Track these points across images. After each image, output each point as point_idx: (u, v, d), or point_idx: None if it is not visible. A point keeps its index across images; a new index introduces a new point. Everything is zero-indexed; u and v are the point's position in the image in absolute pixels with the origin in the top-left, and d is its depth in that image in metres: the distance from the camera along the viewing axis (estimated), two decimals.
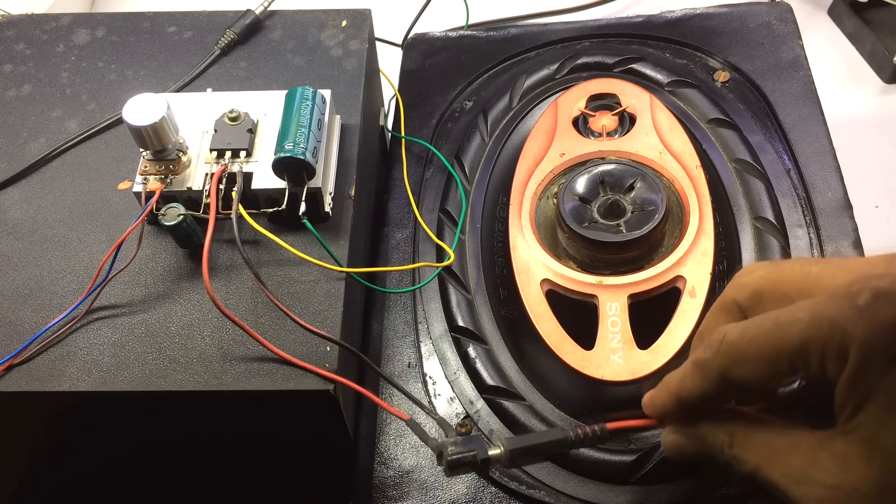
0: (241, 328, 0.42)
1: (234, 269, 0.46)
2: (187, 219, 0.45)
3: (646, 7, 0.80)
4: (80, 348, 0.44)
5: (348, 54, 0.57)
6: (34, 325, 0.44)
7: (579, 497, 0.44)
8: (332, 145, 0.50)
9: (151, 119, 0.45)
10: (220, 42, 0.57)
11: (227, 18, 0.58)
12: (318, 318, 0.44)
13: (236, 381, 0.42)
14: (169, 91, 0.55)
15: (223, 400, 0.42)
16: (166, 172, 0.47)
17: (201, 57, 0.57)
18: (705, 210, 0.49)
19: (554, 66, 0.61)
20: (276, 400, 0.42)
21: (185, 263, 0.47)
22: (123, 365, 0.43)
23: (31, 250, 0.48)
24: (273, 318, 0.44)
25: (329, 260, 0.46)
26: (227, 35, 0.57)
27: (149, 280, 0.46)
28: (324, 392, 0.41)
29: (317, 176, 0.46)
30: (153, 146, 0.46)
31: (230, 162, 0.47)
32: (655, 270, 0.47)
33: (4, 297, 0.46)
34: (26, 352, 0.43)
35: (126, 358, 0.43)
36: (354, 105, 0.54)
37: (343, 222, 0.48)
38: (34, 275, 0.47)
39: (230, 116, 0.48)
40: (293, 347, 0.43)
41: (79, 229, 0.49)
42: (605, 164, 0.50)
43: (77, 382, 0.42)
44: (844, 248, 0.51)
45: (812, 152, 0.55)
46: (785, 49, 0.61)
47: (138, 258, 0.46)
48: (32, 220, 0.49)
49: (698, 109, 0.57)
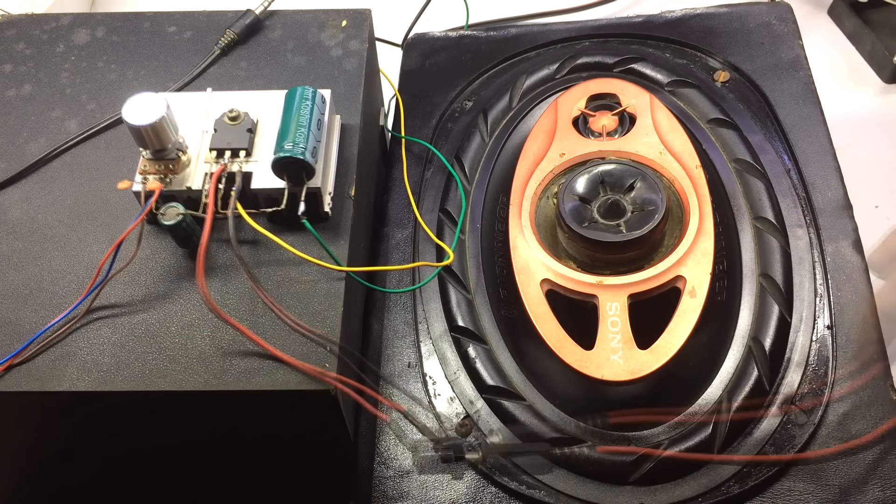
0: (237, 329, 0.42)
1: (233, 268, 0.46)
2: (186, 218, 0.45)
3: (646, 7, 0.80)
4: (80, 348, 0.44)
5: (348, 54, 0.57)
6: (34, 325, 0.44)
7: (579, 497, 0.44)
8: (331, 145, 0.50)
9: (151, 119, 0.45)
10: (220, 42, 0.57)
11: (227, 18, 0.58)
12: (318, 317, 0.44)
13: (236, 381, 0.42)
14: (169, 91, 0.55)
15: (223, 400, 0.42)
16: (166, 172, 0.47)
17: (201, 57, 0.57)
18: (705, 210, 0.49)
19: (554, 66, 0.61)
20: (276, 400, 0.42)
21: (185, 263, 0.47)
22: (123, 365, 0.43)
23: (31, 250, 0.48)
24: (273, 318, 0.44)
25: (329, 260, 0.46)
26: (227, 35, 0.57)
27: (148, 280, 0.46)
28: (323, 392, 0.41)
29: (316, 176, 0.46)
30: (153, 146, 0.46)
31: (230, 161, 0.47)
32: (655, 270, 0.47)
33: (4, 297, 0.46)
34: (26, 352, 0.43)
35: (126, 358, 0.43)
36: (354, 105, 0.54)
37: (343, 222, 0.48)
38: (34, 275, 0.47)
39: (230, 116, 0.48)
40: (293, 348, 0.43)
41: (79, 229, 0.49)
42: (605, 164, 0.50)
43: (77, 382, 0.42)
44: (844, 248, 0.51)
45: (812, 152, 0.55)
46: (785, 49, 0.61)
47: (138, 258, 0.46)
48: (32, 220, 0.49)
49: (698, 109, 0.57)
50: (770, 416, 0.45)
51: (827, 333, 0.48)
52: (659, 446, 0.44)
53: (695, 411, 0.46)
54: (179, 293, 0.46)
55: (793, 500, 0.43)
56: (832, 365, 0.47)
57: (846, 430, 0.45)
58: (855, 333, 0.48)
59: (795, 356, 0.47)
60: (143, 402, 0.43)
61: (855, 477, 0.44)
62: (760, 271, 0.50)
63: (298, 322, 0.43)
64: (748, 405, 0.45)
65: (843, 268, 0.50)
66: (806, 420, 0.45)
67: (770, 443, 0.45)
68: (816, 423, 0.45)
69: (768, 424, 0.45)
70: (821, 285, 0.50)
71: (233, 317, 0.43)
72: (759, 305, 0.48)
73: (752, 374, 0.46)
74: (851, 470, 0.44)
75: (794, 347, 0.47)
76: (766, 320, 0.48)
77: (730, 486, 0.44)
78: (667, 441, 0.45)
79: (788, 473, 0.44)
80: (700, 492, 0.44)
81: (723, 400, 0.46)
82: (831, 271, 0.50)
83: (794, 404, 0.46)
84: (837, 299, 0.49)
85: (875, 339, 0.48)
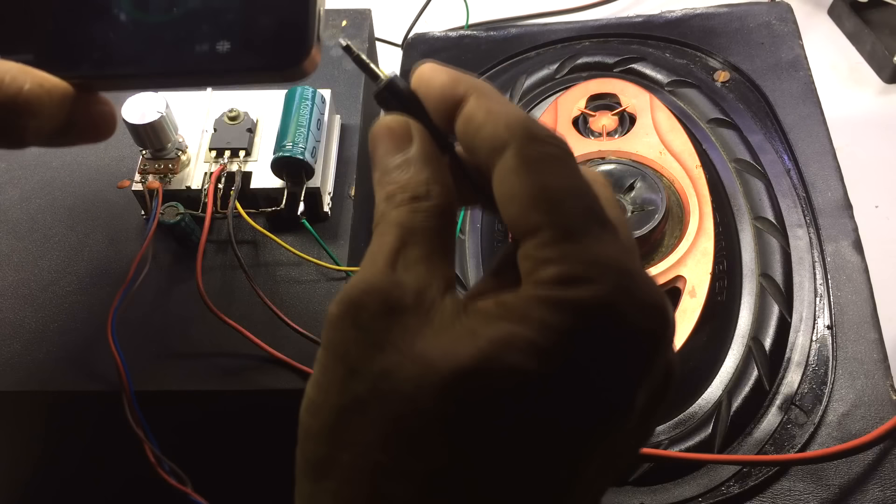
0: (236, 330, 0.42)
1: (233, 268, 0.46)
2: (186, 217, 0.45)
3: (646, 7, 0.80)
4: (80, 348, 0.43)
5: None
6: (34, 324, 0.44)
7: None
8: (331, 145, 0.50)
9: (150, 118, 0.45)
10: None
11: None
12: (318, 318, 0.44)
13: (235, 381, 0.42)
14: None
15: (222, 400, 0.42)
16: (165, 171, 0.47)
17: None
18: (705, 210, 0.49)
19: (554, 66, 0.61)
20: (275, 400, 0.42)
21: (184, 262, 0.47)
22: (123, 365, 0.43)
23: (31, 250, 0.48)
24: (272, 318, 0.44)
25: (328, 260, 0.46)
26: None
27: (147, 279, 0.46)
28: None
29: (316, 176, 0.46)
30: (152, 145, 0.46)
31: (229, 161, 0.47)
32: (655, 270, 0.46)
33: (4, 297, 0.46)
34: (26, 352, 0.43)
35: (125, 358, 0.43)
36: (354, 105, 0.54)
37: (343, 222, 0.48)
38: (34, 275, 0.47)
39: (230, 116, 0.48)
40: (292, 348, 0.43)
41: (79, 229, 0.49)
42: (606, 164, 0.50)
43: (77, 382, 0.42)
44: (844, 248, 0.51)
45: (812, 152, 0.55)
46: (785, 49, 0.61)
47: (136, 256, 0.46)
48: (32, 220, 0.49)
49: (698, 109, 0.57)
50: (770, 416, 0.45)
51: (827, 333, 0.48)
52: (659, 446, 0.44)
53: (695, 411, 0.45)
54: (179, 293, 0.46)
55: (793, 500, 0.43)
56: (832, 365, 0.47)
57: (846, 430, 0.45)
58: (855, 333, 0.48)
59: (795, 356, 0.47)
60: (142, 402, 0.43)
61: (855, 477, 0.44)
62: (760, 271, 0.50)
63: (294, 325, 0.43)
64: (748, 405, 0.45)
65: (843, 268, 0.50)
66: (806, 420, 0.45)
67: (770, 443, 0.45)
68: (816, 423, 0.45)
69: (768, 424, 0.45)
70: (821, 285, 0.50)
71: (231, 317, 0.43)
72: (759, 305, 0.48)
73: (752, 374, 0.46)
74: (851, 470, 0.44)
75: (794, 347, 0.47)
76: (766, 320, 0.48)
77: (730, 486, 0.44)
78: (667, 441, 0.45)
79: (788, 473, 0.44)
80: (700, 492, 0.43)
81: (723, 400, 0.45)
82: (831, 271, 0.50)
83: (794, 404, 0.46)
84: (837, 299, 0.49)
85: (875, 339, 0.48)
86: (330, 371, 0.23)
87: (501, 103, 0.24)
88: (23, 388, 0.42)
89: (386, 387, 0.22)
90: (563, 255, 0.22)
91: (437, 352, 0.21)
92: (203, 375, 0.42)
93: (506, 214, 0.23)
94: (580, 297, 0.21)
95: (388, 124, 0.26)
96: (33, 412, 0.46)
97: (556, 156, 0.23)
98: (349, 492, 0.22)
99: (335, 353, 0.23)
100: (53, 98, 0.28)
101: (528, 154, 0.23)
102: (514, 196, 0.23)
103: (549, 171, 0.23)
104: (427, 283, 0.23)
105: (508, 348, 0.21)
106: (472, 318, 0.22)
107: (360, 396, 0.22)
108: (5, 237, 0.48)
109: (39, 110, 0.28)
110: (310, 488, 0.24)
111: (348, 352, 0.22)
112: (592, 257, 0.22)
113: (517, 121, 0.23)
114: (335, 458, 0.22)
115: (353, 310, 0.22)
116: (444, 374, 0.21)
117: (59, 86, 0.28)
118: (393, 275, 0.23)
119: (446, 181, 0.25)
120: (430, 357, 0.21)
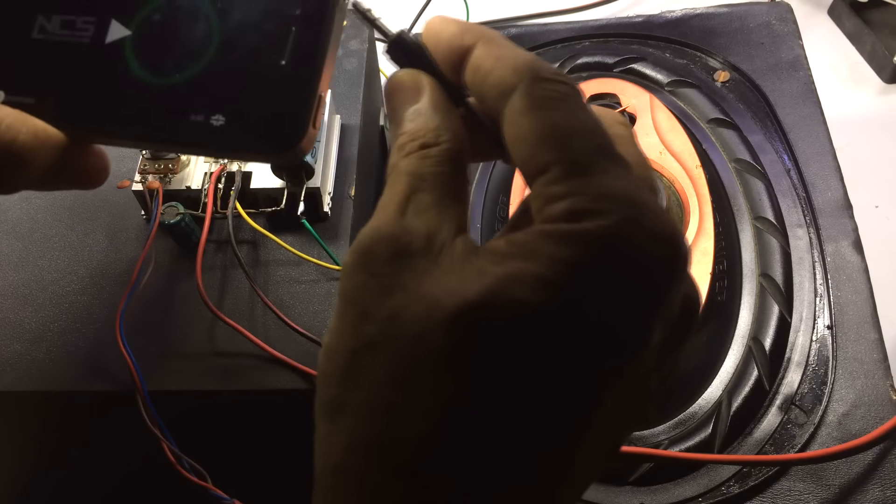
0: (236, 330, 0.42)
1: (233, 268, 0.46)
2: (185, 218, 0.45)
3: (646, 7, 0.80)
4: (80, 348, 0.43)
5: (348, 54, 0.57)
6: (34, 325, 0.44)
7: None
8: (331, 145, 0.50)
9: None
10: None
11: None
12: (318, 318, 0.44)
13: (235, 381, 0.42)
14: None
15: (222, 400, 0.42)
16: (165, 171, 0.47)
17: None
18: (705, 210, 0.49)
19: (554, 66, 0.61)
20: (275, 400, 0.42)
21: (184, 262, 0.47)
22: (122, 365, 0.43)
23: (31, 250, 0.48)
24: (273, 318, 0.44)
25: (328, 260, 0.46)
26: None
27: (147, 279, 0.46)
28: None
29: (316, 176, 0.46)
30: None
31: (229, 161, 0.47)
32: None
33: (4, 297, 0.46)
34: (27, 352, 0.43)
35: (124, 358, 0.43)
36: (354, 105, 0.54)
37: (343, 222, 0.48)
38: (34, 275, 0.47)
39: None
40: (292, 348, 0.43)
41: (79, 229, 0.49)
42: None
43: (77, 382, 0.42)
44: (844, 248, 0.51)
45: (812, 152, 0.55)
46: (785, 49, 0.61)
47: (136, 257, 0.46)
48: (32, 220, 0.49)
49: (698, 109, 0.57)
50: (770, 416, 0.45)
51: (827, 333, 0.48)
52: (659, 446, 0.44)
53: (695, 411, 0.45)
54: (178, 293, 0.46)
55: (793, 500, 0.43)
56: (832, 365, 0.47)
57: (846, 430, 0.45)
58: (855, 333, 0.48)
59: (795, 356, 0.47)
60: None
61: (855, 477, 0.44)
62: (760, 271, 0.50)
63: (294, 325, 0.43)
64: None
65: (843, 268, 0.50)
66: (806, 420, 0.45)
67: (770, 443, 0.45)
68: (816, 423, 0.45)
69: (768, 424, 0.45)
70: (821, 285, 0.50)
71: (231, 317, 0.43)
72: (759, 305, 0.48)
73: (752, 374, 0.46)
74: (851, 470, 0.44)
75: (794, 347, 0.47)
76: (766, 320, 0.48)
77: (730, 486, 0.44)
78: (667, 441, 0.45)
79: (788, 473, 0.44)
80: (700, 492, 0.43)
81: (723, 400, 0.45)
82: (831, 271, 0.50)
83: (794, 404, 0.46)
84: (837, 299, 0.49)
85: (875, 339, 0.48)
86: (344, 317, 0.23)
87: (509, 48, 0.24)
88: (23, 389, 0.42)
89: (394, 328, 0.22)
90: (571, 190, 0.22)
91: (443, 290, 0.21)
92: (203, 375, 0.42)
93: (517, 158, 0.23)
94: (587, 229, 0.21)
95: (399, 78, 0.26)
96: (33, 412, 0.46)
97: (564, 94, 0.23)
98: (363, 430, 0.22)
99: (348, 300, 0.23)
100: (47, 149, 0.28)
101: (535, 94, 0.23)
102: (523, 137, 0.23)
103: (557, 109, 0.23)
104: (437, 227, 0.23)
105: (515, 283, 0.21)
106: (482, 258, 0.22)
107: (372, 339, 0.22)
108: (5, 237, 0.48)
109: (32, 160, 0.27)
110: (326, 429, 0.24)
111: (360, 297, 0.23)
112: (600, 190, 0.21)
113: (524, 63, 0.23)
114: (349, 398, 0.23)
115: (364, 257, 0.23)
116: (450, 310, 0.21)
117: (53, 136, 0.28)
118: (402, 221, 0.23)
119: (456, 128, 0.25)
120: (437, 296, 0.21)
